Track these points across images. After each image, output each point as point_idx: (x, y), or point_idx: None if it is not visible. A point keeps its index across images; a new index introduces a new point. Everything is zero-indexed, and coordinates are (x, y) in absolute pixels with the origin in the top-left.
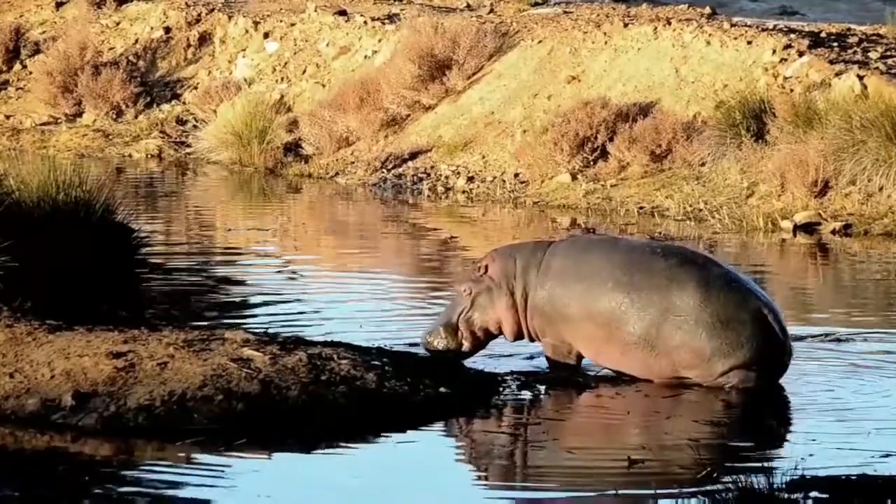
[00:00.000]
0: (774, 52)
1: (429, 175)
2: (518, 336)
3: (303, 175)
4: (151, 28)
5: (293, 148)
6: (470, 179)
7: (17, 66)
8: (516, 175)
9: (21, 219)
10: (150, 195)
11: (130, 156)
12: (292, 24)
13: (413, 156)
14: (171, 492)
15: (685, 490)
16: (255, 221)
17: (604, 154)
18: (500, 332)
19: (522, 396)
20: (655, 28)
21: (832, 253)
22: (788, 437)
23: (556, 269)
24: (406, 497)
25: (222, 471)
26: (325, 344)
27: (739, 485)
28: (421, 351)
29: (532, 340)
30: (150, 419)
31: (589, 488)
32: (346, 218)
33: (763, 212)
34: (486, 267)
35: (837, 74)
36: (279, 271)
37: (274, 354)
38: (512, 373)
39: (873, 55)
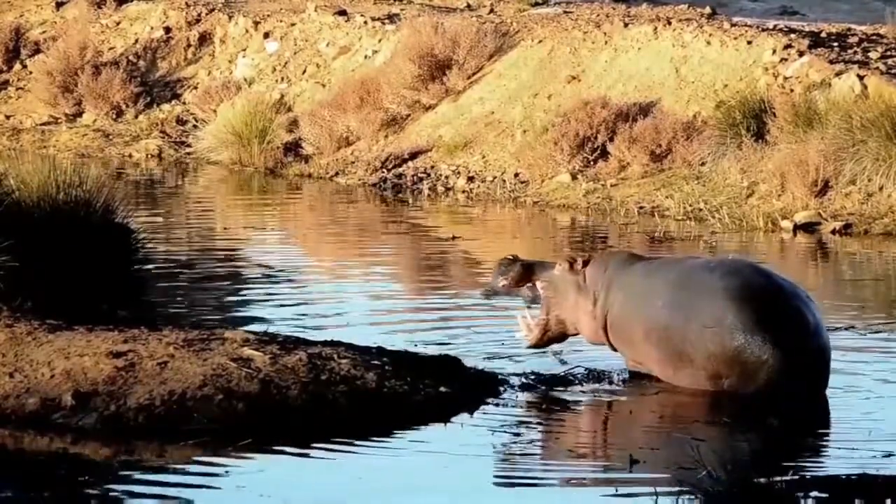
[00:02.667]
0: (774, 51)
1: (429, 175)
2: (596, 342)
3: (303, 175)
4: (151, 28)
5: (293, 148)
6: (470, 179)
7: (17, 66)
8: (516, 175)
9: (21, 219)
10: (150, 195)
11: (130, 156)
12: (292, 24)
13: (413, 156)
14: (170, 491)
15: (685, 490)
16: (255, 221)
17: (604, 154)
18: (576, 333)
19: (523, 396)
20: (655, 28)
21: (832, 252)
22: (789, 436)
23: (626, 289)
24: (406, 497)
25: (223, 471)
26: (325, 344)
27: (740, 485)
28: (421, 350)
29: (614, 350)
30: (150, 419)
31: (590, 488)
32: (346, 217)
33: (763, 211)
34: (587, 262)
35: (837, 74)
36: (279, 271)
37: (274, 354)
38: (512, 373)
39: (873, 55)
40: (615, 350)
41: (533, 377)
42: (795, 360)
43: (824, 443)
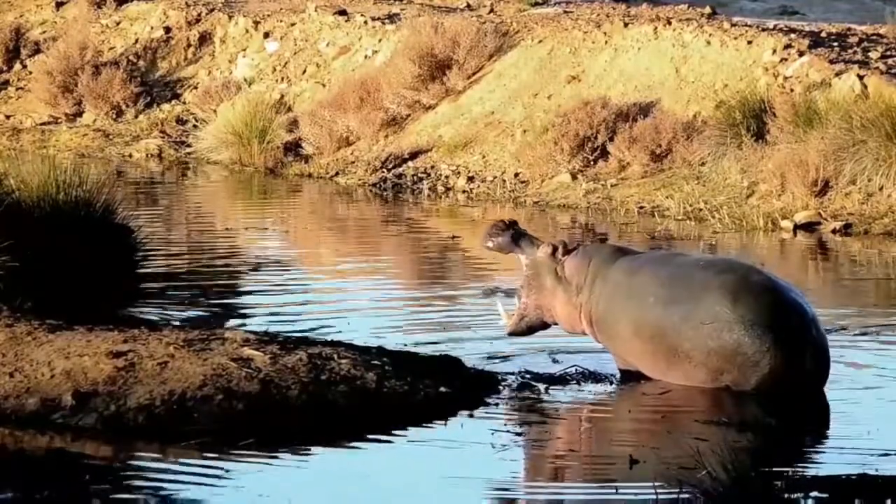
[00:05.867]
0: (774, 51)
1: (429, 175)
2: (572, 332)
3: (303, 175)
4: (151, 28)
5: (293, 148)
6: (470, 179)
7: (17, 66)
8: (516, 175)
9: (21, 219)
10: (150, 195)
11: (130, 155)
12: (292, 24)
13: (413, 155)
14: (170, 492)
15: (685, 490)
16: (255, 221)
17: (604, 154)
18: (554, 322)
19: (522, 396)
20: (655, 28)
21: (832, 252)
22: (789, 436)
23: (613, 284)
24: (406, 497)
25: (223, 471)
26: (325, 343)
27: (740, 485)
28: (421, 350)
29: (598, 341)
30: (151, 419)
31: (590, 488)
32: (346, 217)
33: (763, 211)
34: (569, 253)
35: (837, 74)
36: (279, 270)
37: (274, 354)
38: (512, 372)
39: (873, 55)
40: (599, 341)
41: (533, 377)
42: (795, 351)
43: (824, 443)
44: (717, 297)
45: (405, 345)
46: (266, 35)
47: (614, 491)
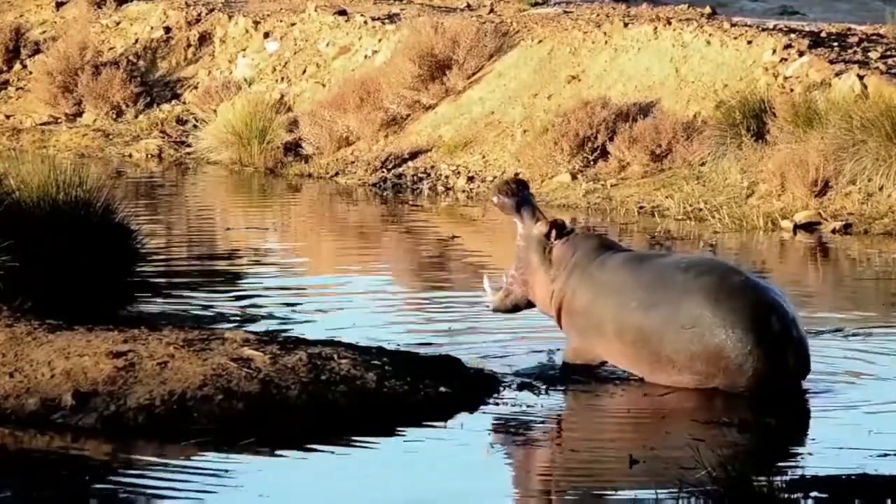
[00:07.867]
0: (774, 51)
1: (429, 175)
2: (546, 314)
3: (303, 175)
4: (151, 28)
5: (293, 148)
6: (470, 179)
7: (17, 66)
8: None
9: (21, 219)
10: (150, 195)
11: (130, 155)
12: (292, 24)
13: (413, 155)
14: (170, 492)
15: (685, 490)
16: (255, 221)
17: (604, 154)
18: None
19: (522, 396)
20: (655, 28)
21: (832, 252)
22: (788, 436)
23: (593, 282)
24: (406, 497)
25: (222, 471)
26: (325, 343)
27: (740, 485)
28: (421, 350)
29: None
30: (150, 419)
31: (590, 488)
32: (346, 217)
33: (763, 211)
34: (558, 237)
35: (837, 74)
36: (279, 270)
37: (274, 354)
38: (512, 372)
39: (873, 55)
40: (562, 330)
41: (532, 377)
42: (777, 351)
43: (824, 443)
44: (697, 301)
45: (398, 344)
46: (266, 35)
47: (614, 491)
